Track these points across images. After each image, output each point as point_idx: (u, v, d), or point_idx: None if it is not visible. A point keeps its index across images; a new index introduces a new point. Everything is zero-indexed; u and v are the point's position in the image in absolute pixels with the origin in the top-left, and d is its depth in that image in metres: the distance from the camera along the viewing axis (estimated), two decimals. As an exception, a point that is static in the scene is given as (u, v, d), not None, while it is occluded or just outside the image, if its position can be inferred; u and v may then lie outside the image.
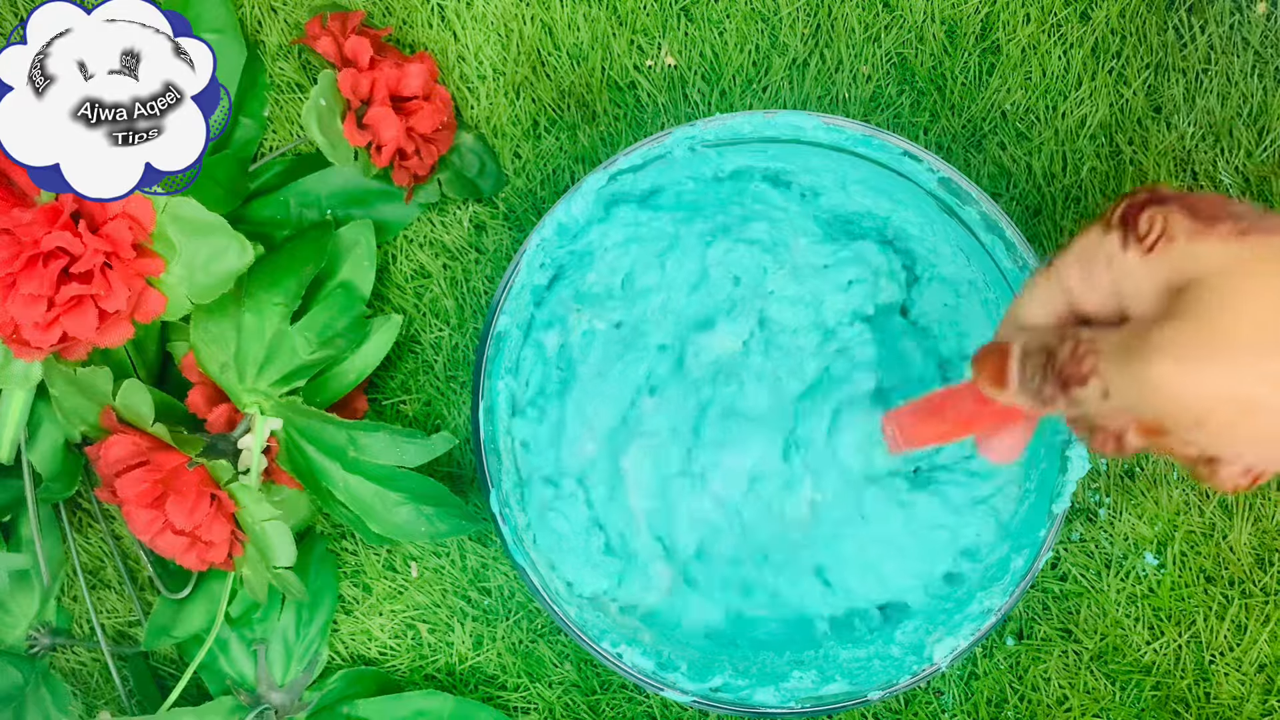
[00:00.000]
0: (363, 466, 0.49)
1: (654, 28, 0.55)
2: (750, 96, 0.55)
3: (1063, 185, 0.54)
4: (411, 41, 0.55)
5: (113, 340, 0.45)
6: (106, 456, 0.46)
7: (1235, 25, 0.53)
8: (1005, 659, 0.54)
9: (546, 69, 0.55)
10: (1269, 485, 0.53)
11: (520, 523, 0.49)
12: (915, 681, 0.47)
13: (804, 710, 0.47)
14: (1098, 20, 0.54)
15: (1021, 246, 0.46)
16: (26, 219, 0.42)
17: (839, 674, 0.48)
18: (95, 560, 0.56)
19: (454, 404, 0.55)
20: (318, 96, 0.48)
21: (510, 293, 0.48)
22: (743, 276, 0.51)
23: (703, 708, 0.48)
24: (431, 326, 0.55)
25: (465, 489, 0.55)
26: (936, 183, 0.48)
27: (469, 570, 0.55)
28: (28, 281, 0.42)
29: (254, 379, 0.49)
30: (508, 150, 0.55)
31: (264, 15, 0.55)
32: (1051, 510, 0.46)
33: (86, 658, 0.56)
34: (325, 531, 0.55)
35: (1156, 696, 0.53)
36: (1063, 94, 0.54)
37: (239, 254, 0.46)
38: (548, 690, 0.54)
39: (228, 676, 0.53)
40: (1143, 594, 0.53)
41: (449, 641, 0.55)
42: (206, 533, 0.46)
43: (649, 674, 0.47)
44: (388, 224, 0.54)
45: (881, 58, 0.54)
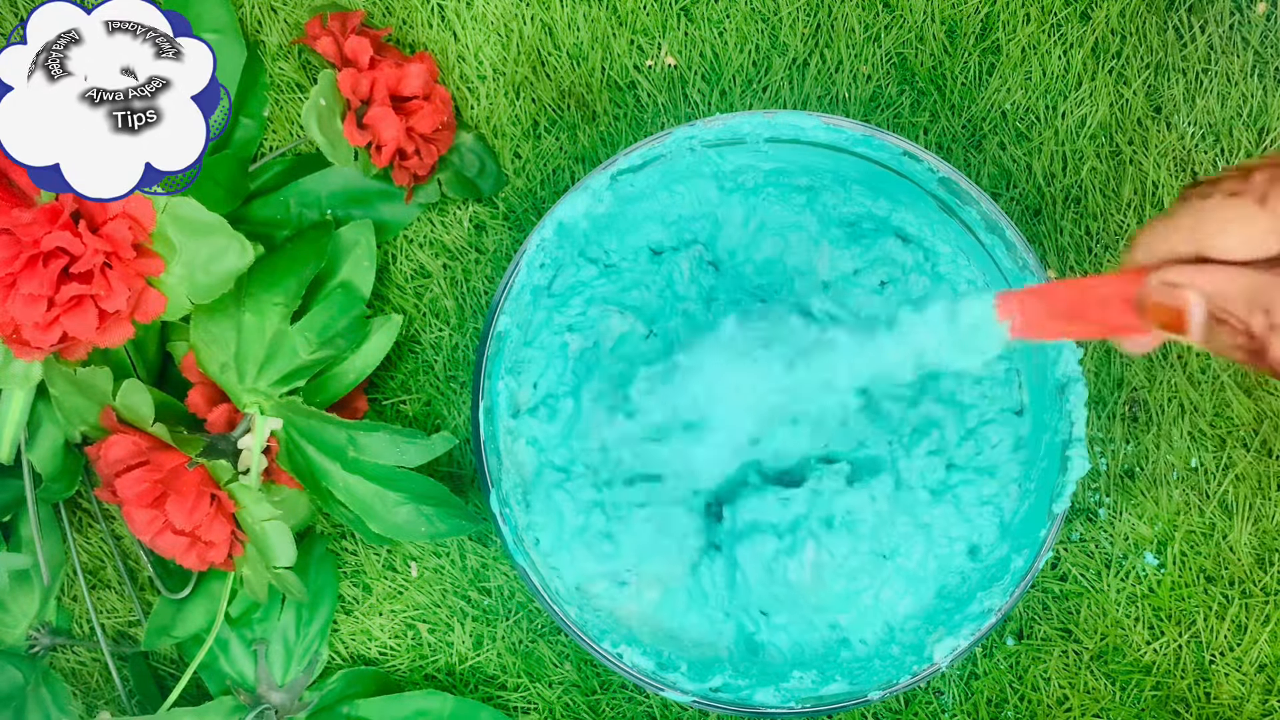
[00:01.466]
0: (363, 466, 0.49)
1: (654, 28, 0.55)
2: (750, 96, 0.55)
3: (1063, 185, 0.54)
4: (411, 41, 0.55)
5: (113, 340, 0.45)
6: (106, 456, 0.46)
7: (1235, 25, 0.53)
8: (1005, 659, 0.54)
9: (546, 69, 0.55)
10: (1267, 483, 0.53)
11: (521, 522, 0.49)
12: (915, 681, 0.47)
13: (804, 710, 0.47)
14: (1098, 20, 0.54)
15: (1021, 246, 0.46)
16: (26, 219, 0.42)
17: (839, 674, 0.48)
18: (95, 560, 0.56)
19: (454, 404, 0.55)
20: (318, 96, 0.48)
21: (510, 293, 0.48)
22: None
23: (703, 708, 0.48)
24: (431, 326, 0.55)
25: (465, 489, 0.55)
26: (936, 183, 0.48)
27: (469, 570, 0.55)
28: (28, 281, 0.42)
29: (254, 379, 0.49)
30: (508, 150, 0.55)
31: (264, 15, 0.55)
32: (1051, 510, 0.46)
33: (86, 658, 0.56)
34: (325, 531, 0.55)
35: (1156, 696, 0.53)
36: (1063, 94, 0.54)
37: (239, 254, 0.46)
38: (548, 690, 0.54)
39: (228, 676, 0.53)
40: (1143, 594, 0.53)
41: (449, 641, 0.55)
42: (206, 533, 0.46)
43: (649, 674, 0.47)
44: (388, 224, 0.54)
45: (881, 58, 0.54)
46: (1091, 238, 0.54)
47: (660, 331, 0.51)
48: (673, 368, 0.50)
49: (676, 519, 0.50)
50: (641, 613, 0.51)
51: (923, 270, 0.51)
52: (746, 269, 0.51)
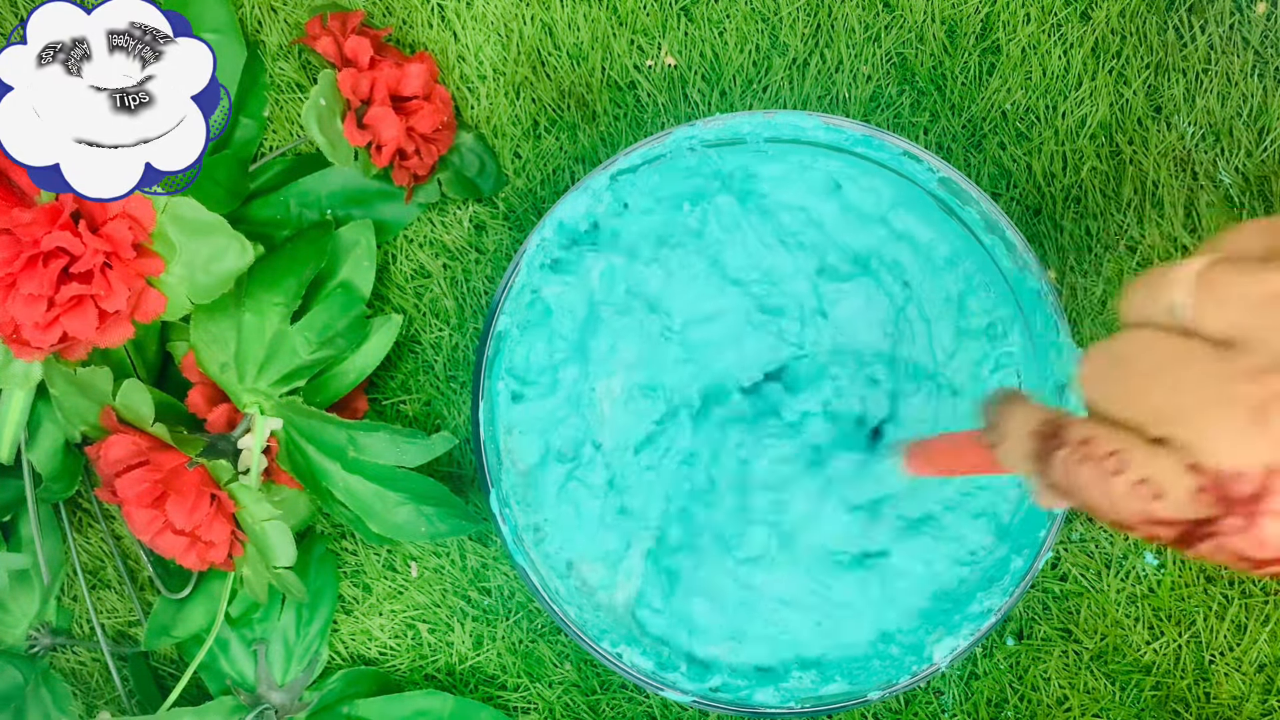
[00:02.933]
0: (363, 466, 0.49)
1: (654, 28, 0.55)
2: (750, 96, 0.55)
3: (1063, 185, 0.54)
4: (411, 41, 0.55)
5: (113, 340, 0.45)
6: (106, 456, 0.46)
7: (1235, 25, 0.53)
8: (1005, 659, 0.54)
9: (546, 69, 0.55)
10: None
11: (520, 522, 0.49)
12: (915, 681, 0.47)
13: (804, 710, 0.47)
14: (1098, 20, 0.54)
15: (1021, 246, 0.46)
16: (26, 219, 0.42)
17: (838, 674, 0.48)
18: (95, 560, 0.56)
19: (454, 404, 0.55)
20: (318, 96, 0.48)
21: (510, 293, 0.48)
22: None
23: (703, 708, 0.48)
24: (431, 326, 0.55)
25: (465, 489, 0.55)
26: (937, 183, 0.48)
27: (469, 570, 0.55)
28: (28, 281, 0.42)
29: (254, 379, 0.49)
30: (508, 150, 0.55)
31: (264, 15, 0.55)
32: (1051, 510, 0.46)
33: (86, 658, 0.56)
34: (325, 531, 0.55)
35: (1156, 696, 0.53)
36: (1063, 94, 0.54)
37: (239, 254, 0.46)
38: (548, 690, 0.54)
39: (228, 676, 0.53)
40: (1143, 594, 0.53)
41: (449, 641, 0.55)
42: (206, 533, 0.46)
43: (649, 674, 0.47)
44: (388, 224, 0.54)
45: (881, 58, 0.54)
46: (1091, 237, 0.54)
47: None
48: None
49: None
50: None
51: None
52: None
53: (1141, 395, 0.22)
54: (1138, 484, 0.22)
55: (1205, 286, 0.22)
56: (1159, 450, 0.22)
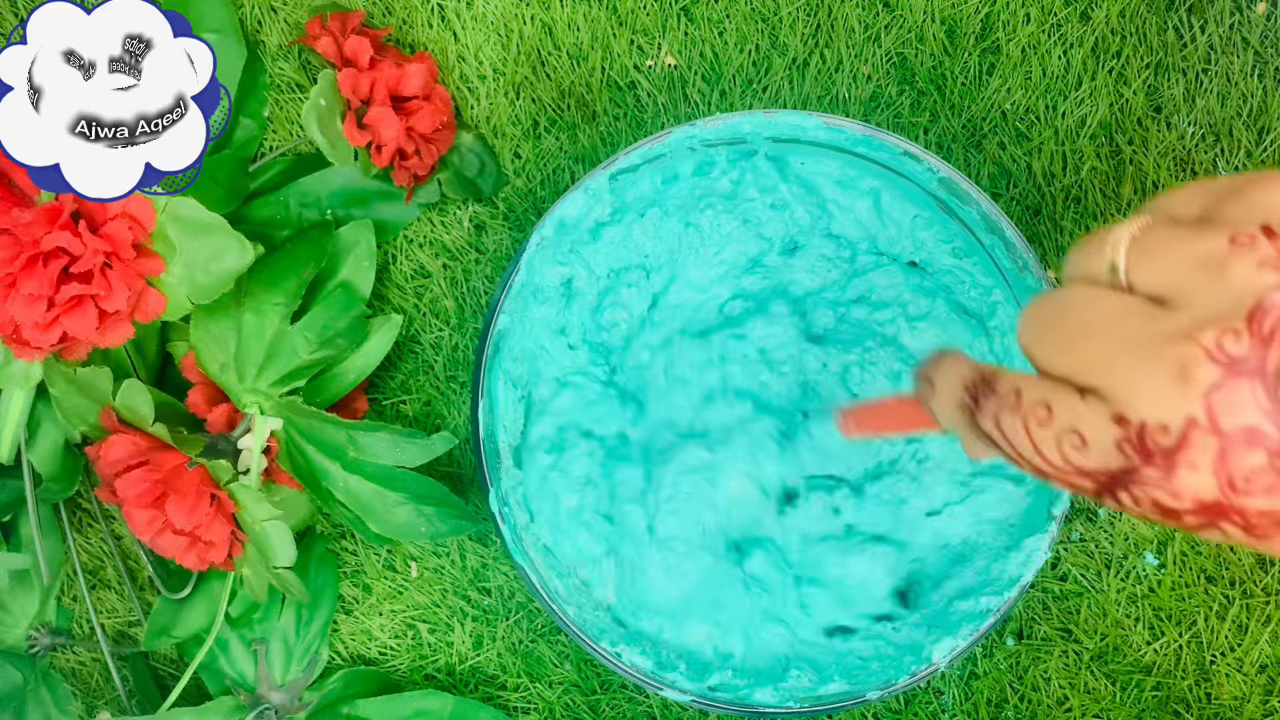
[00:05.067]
0: (363, 466, 0.49)
1: (654, 28, 0.55)
2: (750, 96, 0.55)
3: (1063, 185, 0.54)
4: (411, 41, 0.55)
5: (113, 340, 0.45)
6: (106, 456, 0.46)
7: (1235, 25, 0.53)
8: (1005, 659, 0.54)
9: (546, 69, 0.55)
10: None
11: (520, 522, 0.49)
12: (914, 681, 0.47)
13: (803, 710, 0.47)
14: (1098, 20, 0.54)
15: (1021, 246, 0.46)
16: (26, 219, 0.42)
17: (838, 673, 0.48)
18: (95, 560, 0.56)
19: (454, 404, 0.55)
20: (318, 96, 0.48)
21: (510, 293, 0.48)
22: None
23: (702, 707, 0.48)
24: (431, 326, 0.55)
25: (465, 489, 0.55)
26: (936, 183, 0.48)
27: (469, 570, 0.55)
28: (28, 281, 0.42)
29: (254, 379, 0.49)
30: (508, 150, 0.55)
31: (264, 15, 0.55)
32: (1051, 511, 0.46)
33: (86, 658, 0.56)
34: (325, 531, 0.55)
35: (1157, 697, 0.53)
36: (1063, 94, 0.54)
37: (239, 254, 0.46)
38: (548, 690, 0.54)
39: (228, 676, 0.53)
40: (1143, 594, 0.53)
41: (449, 641, 0.55)
42: (206, 533, 0.46)
43: (648, 674, 0.47)
44: (388, 224, 0.54)
45: (881, 58, 0.54)
46: (1091, 238, 0.54)
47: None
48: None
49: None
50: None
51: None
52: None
53: (1076, 346, 0.23)
54: (1064, 433, 0.23)
55: (1141, 247, 0.23)
56: (1087, 401, 0.23)
